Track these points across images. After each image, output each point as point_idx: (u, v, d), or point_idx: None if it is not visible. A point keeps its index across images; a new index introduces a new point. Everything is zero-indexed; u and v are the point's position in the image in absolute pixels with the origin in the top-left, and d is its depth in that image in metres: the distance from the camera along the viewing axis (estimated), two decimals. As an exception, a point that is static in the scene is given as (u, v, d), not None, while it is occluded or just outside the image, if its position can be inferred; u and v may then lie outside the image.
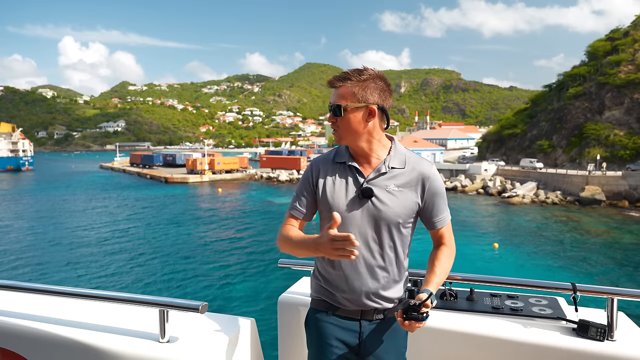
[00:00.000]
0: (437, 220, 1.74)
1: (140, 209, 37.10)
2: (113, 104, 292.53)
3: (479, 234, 26.92)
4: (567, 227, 29.29)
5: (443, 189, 1.74)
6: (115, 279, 17.96)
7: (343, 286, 1.68)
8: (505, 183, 45.69)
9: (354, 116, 1.62)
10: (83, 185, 58.34)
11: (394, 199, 1.63)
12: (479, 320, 2.02)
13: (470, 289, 2.24)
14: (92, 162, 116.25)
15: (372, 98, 1.62)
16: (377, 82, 1.63)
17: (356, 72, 1.62)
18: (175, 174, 61.41)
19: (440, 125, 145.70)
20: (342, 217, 1.61)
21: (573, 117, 50.75)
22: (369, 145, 1.67)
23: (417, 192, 1.67)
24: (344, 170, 1.69)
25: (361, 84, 1.61)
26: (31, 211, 37.00)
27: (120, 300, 1.79)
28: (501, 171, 49.55)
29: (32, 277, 18.38)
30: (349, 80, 1.62)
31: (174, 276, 18.38)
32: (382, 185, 1.64)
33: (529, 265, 20.55)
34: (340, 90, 1.63)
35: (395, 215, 1.63)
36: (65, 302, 2.11)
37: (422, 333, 1.95)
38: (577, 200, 37.98)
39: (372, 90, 1.62)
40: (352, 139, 1.66)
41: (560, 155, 50.13)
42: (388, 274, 1.68)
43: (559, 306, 2.11)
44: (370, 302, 1.68)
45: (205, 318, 1.96)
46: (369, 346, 1.69)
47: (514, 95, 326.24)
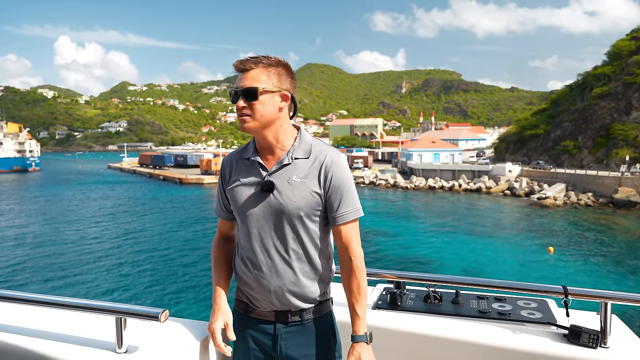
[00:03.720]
0: (337, 215, 1.61)
1: (159, 210, 36.17)
2: (114, 104, 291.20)
3: (526, 238, 26.04)
4: (611, 230, 28.45)
5: (348, 180, 1.62)
6: (121, 283, 17.21)
7: (253, 285, 1.62)
8: (532, 184, 44.89)
9: (270, 100, 1.55)
10: (100, 187, 57.42)
11: (294, 191, 1.56)
12: (464, 325, 1.91)
13: (456, 291, 2.12)
14: (98, 163, 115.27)
15: (285, 84, 1.57)
16: (287, 69, 1.59)
17: (265, 57, 1.56)
18: (189, 175, 60.49)
19: (447, 126, 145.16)
20: (244, 214, 1.60)
21: (599, 118, 49.97)
22: (276, 134, 1.60)
23: (318, 182, 1.59)
24: (249, 166, 1.63)
25: (273, 68, 1.56)
26: (40, 213, 36.04)
27: (72, 306, 1.65)
28: (526, 172, 48.74)
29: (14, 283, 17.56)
30: (261, 63, 1.55)
31: (176, 279, 17.68)
32: (284, 177, 1.58)
33: (589, 271, 19.71)
34: (252, 73, 1.54)
35: (296, 208, 1.56)
36: (11, 308, 1.93)
37: (403, 338, 1.91)
38: (610, 202, 37.19)
39: (284, 76, 1.58)
40: (263, 127, 1.57)
41: (587, 156, 49.34)
42: (295, 271, 1.59)
43: (549, 310, 2.01)
44: (281, 302, 1.60)
45: (168, 324, 1.79)
46: (287, 352, 1.62)
47: (515, 96, 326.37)
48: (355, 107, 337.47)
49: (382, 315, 2.05)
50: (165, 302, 15.16)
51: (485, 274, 18.88)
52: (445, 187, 49.88)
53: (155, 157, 79.83)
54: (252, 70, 1.55)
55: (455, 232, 27.48)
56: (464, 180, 50.53)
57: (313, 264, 1.63)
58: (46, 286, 16.91)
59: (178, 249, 22.90)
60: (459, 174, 52.38)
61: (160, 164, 76.79)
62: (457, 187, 49.05)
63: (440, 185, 50.13)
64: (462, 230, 28.09)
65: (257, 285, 1.61)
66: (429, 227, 28.95)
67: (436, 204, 40.64)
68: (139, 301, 15.16)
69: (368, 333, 1.59)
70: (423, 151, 62.60)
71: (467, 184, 49.22)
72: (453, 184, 49.94)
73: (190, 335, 1.75)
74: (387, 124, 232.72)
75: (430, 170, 55.22)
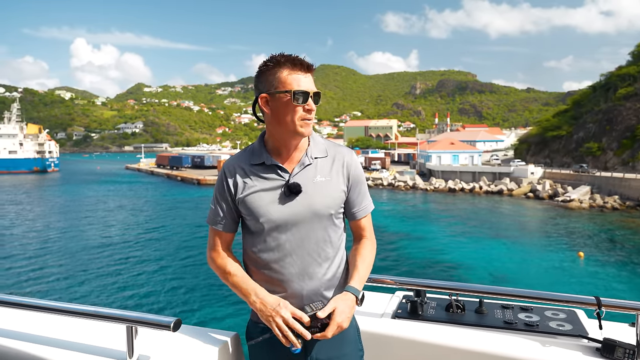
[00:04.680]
0: (359, 209, 1.65)
1: (177, 212, 36.19)
2: (130, 105, 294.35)
3: (553, 242, 25.42)
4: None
5: (364, 176, 1.67)
6: (132, 288, 16.91)
7: (282, 290, 1.56)
8: (555, 186, 44.07)
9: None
10: (119, 188, 57.85)
11: (321, 190, 1.55)
12: (489, 336, 1.83)
13: (479, 300, 2.04)
14: (116, 163, 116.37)
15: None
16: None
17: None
18: (207, 176, 60.59)
19: (463, 127, 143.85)
20: (269, 221, 1.53)
21: (624, 119, 48.91)
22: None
23: (342, 180, 1.60)
24: (265, 170, 1.58)
25: (314, 73, 1.59)
26: (57, 213, 36.26)
27: (82, 314, 1.63)
28: (548, 174, 47.88)
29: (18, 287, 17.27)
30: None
31: (191, 285, 17.23)
32: (308, 178, 1.56)
33: (620, 278, 19.10)
34: (312, 77, 1.56)
35: (326, 207, 1.55)
36: (21, 315, 1.91)
37: (424, 350, 1.84)
38: (638, 205, 36.28)
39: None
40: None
41: (611, 158, 48.32)
42: (327, 272, 1.58)
43: (579, 321, 1.92)
44: (312, 305, 1.56)
45: (181, 333, 1.75)
46: (318, 356, 1.58)
47: (531, 97, 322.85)
48: (369, 108, 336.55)
49: (402, 324, 1.96)
50: (178, 308, 14.80)
51: (510, 280, 18.38)
52: (465, 189, 49.22)
53: (172, 158, 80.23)
54: (312, 73, 1.55)
55: (478, 235, 26.96)
56: (484, 182, 49.82)
57: (340, 262, 1.63)
58: (58, 290, 16.69)
59: (196, 253, 22.70)
60: (479, 176, 51.68)
61: (177, 164, 77.16)
62: (477, 189, 48.38)
63: (461, 187, 49.48)
64: (485, 233, 27.56)
65: (286, 296, 1.55)
66: (450, 231, 28.46)
67: (457, 206, 40.05)
68: (151, 307, 14.80)
69: (361, 295, 1.57)
70: (442, 153, 61.96)
71: (488, 186, 48.52)
72: (473, 186, 49.27)
73: (204, 345, 1.69)
74: (401, 125, 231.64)
75: (449, 172, 54.61)
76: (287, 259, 1.54)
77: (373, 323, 1.97)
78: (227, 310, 13.83)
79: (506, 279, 18.47)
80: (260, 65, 1.55)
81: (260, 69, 1.55)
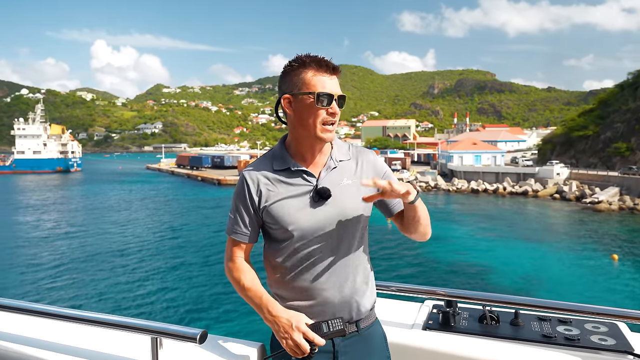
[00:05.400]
0: (397, 202, 1.60)
1: (199, 212, 36.28)
2: (149, 106, 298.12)
3: (585, 245, 24.73)
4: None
5: (390, 170, 1.64)
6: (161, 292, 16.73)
7: (310, 305, 1.51)
8: (582, 188, 43.05)
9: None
10: (141, 188, 58.44)
11: (349, 194, 1.51)
12: (526, 350, 1.72)
13: (515, 311, 1.94)
14: (136, 163, 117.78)
15: None
16: None
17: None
18: (227, 176, 60.83)
19: (483, 127, 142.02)
20: (298, 228, 1.47)
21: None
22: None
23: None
24: (290, 176, 1.51)
25: (339, 75, 1.55)
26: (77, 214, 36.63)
27: (106, 324, 1.63)
28: (575, 175, 46.81)
29: (32, 289, 17.26)
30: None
31: (216, 293, 16.86)
32: (335, 182, 1.51)
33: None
34: (337, 79, 1.52)
35: (356, 210, 1.52)
36: (44, 323, 1.91)
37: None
38: (671, 207, 35.18)
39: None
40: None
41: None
42: (357, 278, 1.54)
43: (622, 335, 1.79)
44: (342, 314, 1.53)
45: (207, 344, 1.70)
46: None
47: (552, 97, 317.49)
48: (386, 108, 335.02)
49: (433, 337, 1.85)
50: (204, 315, 14.65)
51: (544, 285, 17.85)
52: (489, 190, 48.43)
53: (192, 158, 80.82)
54: (338, 75, 1.51)
55: (506, 238, 26.39)
56: (508, 183, 48.96)
57: (368, 267, 1.60)
58: (82, 297, 16.61)
59: (221, 258, 22.54)
60: (503, 177, 50.79)
61: (197, 165, 77.68)
62: (501, 190, 47.55)
63: (484, 188, 48.70)
64: (513, 236, 26.97)
65: (316, 304, 1.49)
66: (477, 233, 27.92)
67: (481, 207, 39.40)
68: (176, 315, 14.63)
69: (419, 197, 1.49)
70: (464, 153, 61.10)
71: (513, 187, 47.65)
72: (497, 186, 48.44)
73: (231, 354, 1.65)
74: (419, 125, 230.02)
75: (472, 172, 53.79)
76: (317, 267, 1.48)
77: (403, 334, 1.88)
78: (254, 318, 13.59)
79: (539, 285, 17.98)
80: (285, 65, 1.51)
81: (284, 69, 1.50)
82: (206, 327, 1.17)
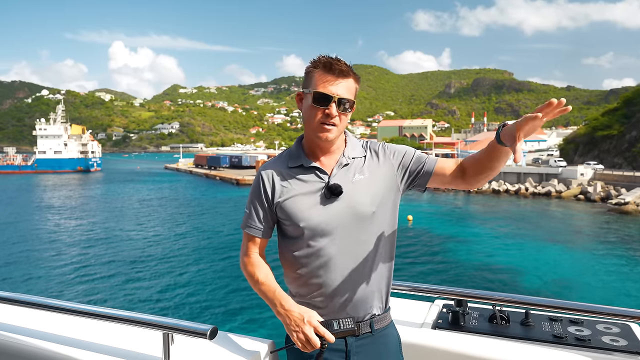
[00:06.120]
0: (427, 161, 1.60)
1: (217, 211, 36.32)
2: (166, 106, 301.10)
3: (610, 247, 24.08)
4: None
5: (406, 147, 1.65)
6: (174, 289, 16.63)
7: (324, 303, 1.52)
8: (607, 188, 42.10)
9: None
10: (160, 187, 58.91)
11: (361, 189, 1.52)
12: (537, 350, 1.72)
13: (525, 311, 1.94)
14: (155, 163, 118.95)
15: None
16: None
17: (350, 66, 1.54)
18: (246, 176, 60.99)
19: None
20: (311, 224, 1.49)
21: (682, 117, 46.30)
22: (339, 140, 1.59)
23: (390, 163, 1.59)
24: (303, 173, 1.54)
25: (356, 78, 1.55)
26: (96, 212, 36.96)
27: (118, 319, 1.66)
28: (599, 175, 45.81)
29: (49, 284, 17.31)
30: (353, 73, 1.54)
31: (227, 290, 16.73)
32: (347, 178, 1.53)
33: None
34: (350, 82, 1.51)
35: (368, 205, 1.51)
36: (57, 318, 1.95)
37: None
38: (701, 209, 34.16)
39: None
40: (338, 136, 1.55)
41: (668, 159, 45.86)
42: (370, 276, 1.53)
43: (634, 336, 1.78)
44: (355, 314, 1.53)
45: (218, 340, 1.76)
46: None
47: (572, 96, 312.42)
48: (402, 108, 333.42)
49: (443, 335, 1.85)
50: (216, 311, 14.50)
51: (561, 287, 17.32)
52: (510, 190, 47.68)
53: (210, 158, 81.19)
54: (350, 79, 1.50)
55: (527, 239, 25.80)
56: (530, 183, 48.13)
57: (387, 269, 1.59)
58: (96, 292, 16.63)
59: (235, 257, 22.52)
60: (524, 177, 49.96)
61: (215, 164, 78.01)
62: (523, 190, 46.78)
63: (505, 189, 47.97)
64: (534, 237, 26.36)
65: (330, 303, 1.50)
66: (496, 234, 27.38)
67: (502, 208, 38.75)
68: (188, 310, 14.56)
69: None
70: (483, 153, 60.18)
71: (535, 188, 46.83)
72: (519, 187, 47.66)
73: (240, 353, 1.67)
74: (436, 125, 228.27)
75: (492, 172, 52.97)
76: (329, 264, 1.48)
77: (413, 333, 1.87)
78: (265, 315, 13.50)
79: (556, 286, 17.47)
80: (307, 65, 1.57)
81: (306, 68, 1.56)
82: (219, 323, 1.13)
